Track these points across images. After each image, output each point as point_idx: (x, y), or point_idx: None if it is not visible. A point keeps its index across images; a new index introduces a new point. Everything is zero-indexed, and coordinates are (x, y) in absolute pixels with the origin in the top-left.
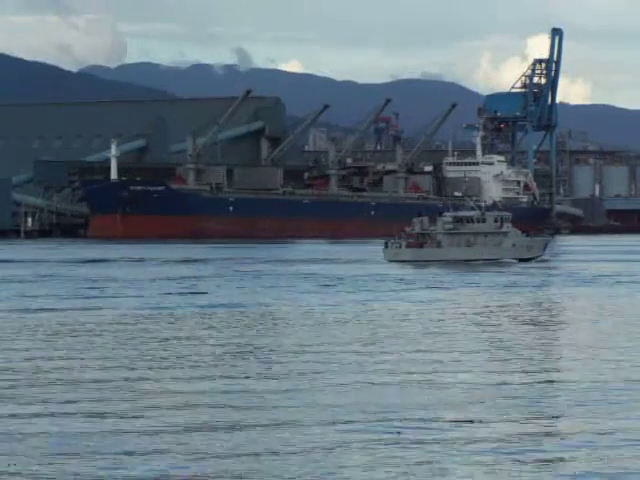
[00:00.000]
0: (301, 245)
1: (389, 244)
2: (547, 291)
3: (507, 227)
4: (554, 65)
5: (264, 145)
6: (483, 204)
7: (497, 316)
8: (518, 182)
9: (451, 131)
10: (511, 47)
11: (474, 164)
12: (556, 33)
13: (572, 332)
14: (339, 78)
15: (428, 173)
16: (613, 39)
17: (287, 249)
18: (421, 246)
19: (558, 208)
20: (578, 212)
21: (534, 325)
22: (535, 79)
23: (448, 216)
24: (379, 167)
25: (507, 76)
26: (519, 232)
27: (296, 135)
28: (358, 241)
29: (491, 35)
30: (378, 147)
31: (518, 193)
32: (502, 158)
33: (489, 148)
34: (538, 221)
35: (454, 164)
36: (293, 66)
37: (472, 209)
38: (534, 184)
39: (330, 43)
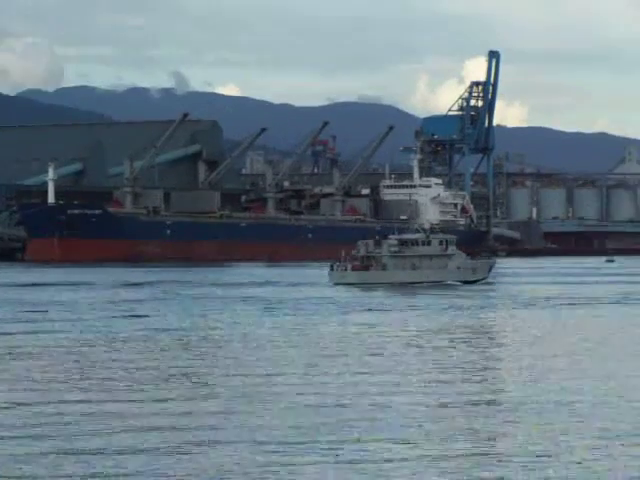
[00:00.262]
0: (239, 268)
1: (335, 267)
2: (487, 313)
3: (452, 250)
4: (491, 88)
5: (201, 168)
6: (428, 227)
7: (436, 338)
8: (455, 205)
9: (388, 154)
10: (448, 70)
11: (411, 187)
12: (493, 56)
13: (510, 354)
14: (276, 101)
15: (365, 196)
16: (550, 62)
17: (226, 272)
18: (367, 269)
19: (495, 231)
20: (515, 235)
21: (472, 347)
22: (472, 102)
23: (393, 239)
24: (316, 190)
25: (444, 99)
26: (464, 255)
27: (233, 158)
28: (296, 264)
29: (428, 58)
30: (315, 170)
31: (455, 216)
32: (439, 181)
33: (426, 171)
34: (475, 244)
35: (391, 187)
36: (230, 89)
37: (417, 232)
38: (471, 207)
39: (267, 66)
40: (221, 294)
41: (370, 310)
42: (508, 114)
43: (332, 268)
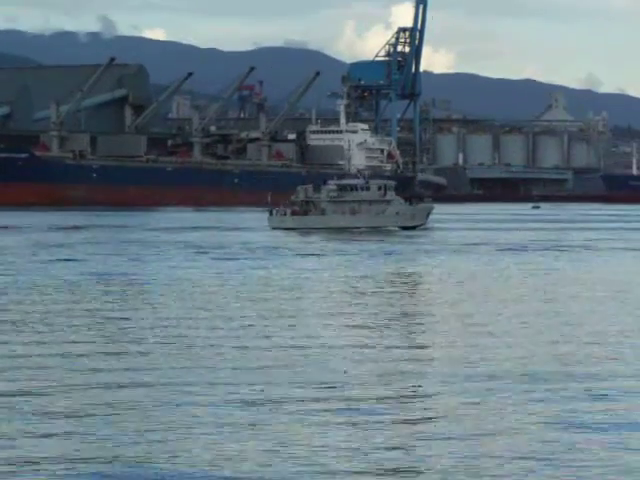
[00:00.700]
0: (168, 213)
1: (274, 212)
2: (416, 260)
3: (391, 195)
4: (418, 34)
5: (128, 113)
6: (367, 172)
7: (364, 285)
8: (382, 150)
9: (315, 99)
10: (375, 15)
11: (338, 132)
12: (420, 2)
13: (438, 300)
14: (203, 46)
15: (292, 141)
16: (476, 9)
17: (156, 217)
18: (305, 214)
19: (421, 176)
20: (441, 181)
21: (400, 294)
22: (399, 47)
23: (332, 184)
24: (243, 135)
25: (371, 44)
26: (402, 200)
27: (160, 103)
28: (223, 209)
29: (355, 3)
30: (242, 115)
31: (382, 161)
32: (366, 126)
33: (353, 116)
34: (402, 189)
35: (318, 132)
36: (157, 34)
37: (356, 177)
38: (398, 152)
39: (194, 11)
40: (159, 239)
41: (302, 255)
42: (435, 60)
43: (271, 213)
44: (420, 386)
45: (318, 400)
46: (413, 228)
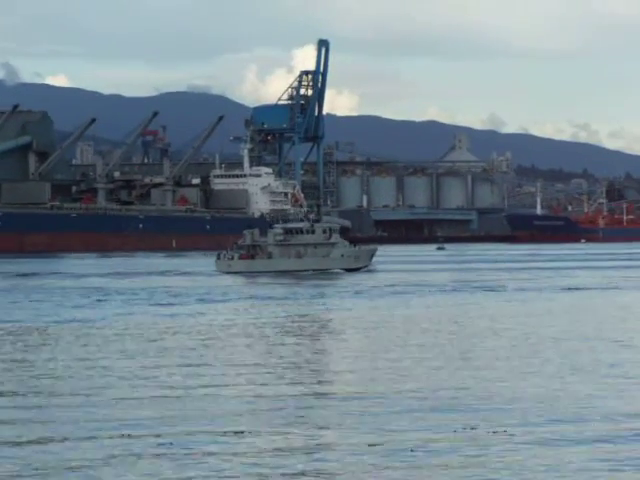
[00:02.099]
0: (81, 259)
1: (221, 256)
2: (323, 303)
3: (335, 238)
4: (320, 77)
5: (32, 159)
6: (312, 216)
7: (273, 329)
8: (286, 194)
9: (219, 144)
10: (277, 59)
11: (241, 176)
12: (322, 44)
13: (345, 343)
14: (106, 91)
15: (196, 186)
16: (378, 51)
17: (67, 263)
18: (253, 257)
19: (326, 219)
20: (346, 223)
21: (313, 337)
22: (302, 91)
23: (278, 227)
24: (147, 180)
25: (274, 88)
26: (347, 243)
27: (63, 149)
28: (127, 254)
29: (256, 47)
30: (146, 160)
31: (286, 205)
32: (269, 170)
33: (257, 160)
34: None
35: (221, 176)
36: (60, 80)
37: (301, 221)
38: (302, 195)
39: (96, 56)
40: (84, 285)
41: (201, 302)
42: (338, 103)
43: (219, 257)
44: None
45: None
46: (358, 270)
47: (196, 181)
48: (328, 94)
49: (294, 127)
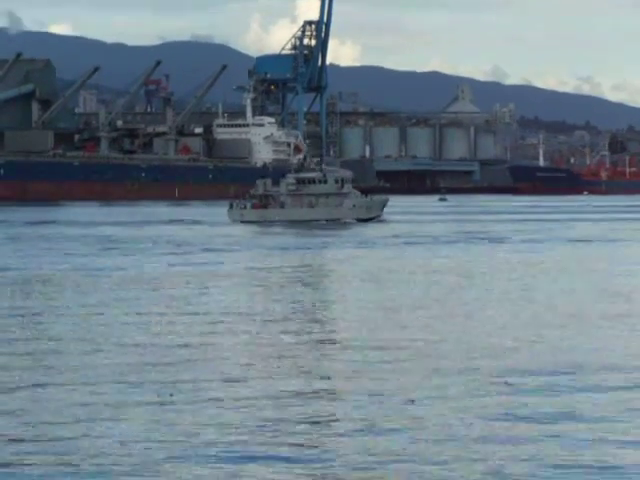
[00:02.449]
0: (87, 208)
1: (234, 205)
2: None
3: (347, 188)
4: (324, 27)
5: (35, 108)
6: (324, 165)
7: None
8: (288, 144)
9: (222, 93)
10: (281, 9)
11: (244, 126)
12: None
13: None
14: (109, 40)
15: (199, 135)
16: (382, 2)
17: (77, 212)
18: (265, 207)
19: (327, 169)
20: (347, 173)
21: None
22: (305, 41)
23: (291, 177)
24: (149, 129)
25: (277, 38)
26: (359, 193)
27: (66, 98)
28: (132, 203)
29: None
30: (149, 109)
31: (289, 155)
32: (272, 120)
33: (260, 110)
34: None
35: (224, 126)
36: (63, 29)
37: (313, 170)
38: (304, 146)
39: (100, 5)
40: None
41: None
42: (341, 53)
43: (231, 206)
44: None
45: None
46: (369, 220)
47: (199, 130)
48: (331, 44)
49: (297, 77)
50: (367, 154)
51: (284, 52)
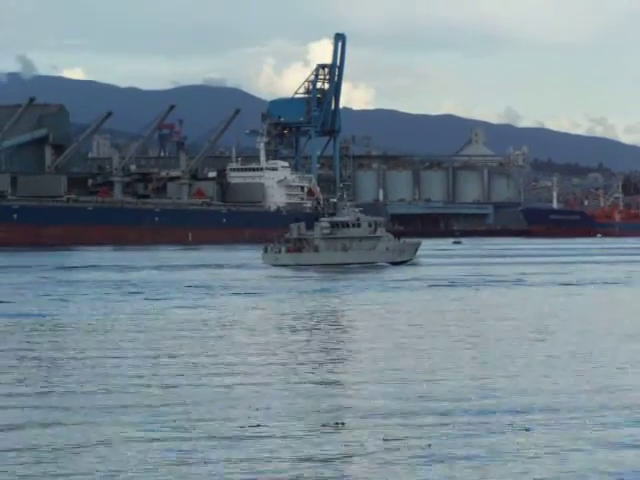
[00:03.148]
0: (103, 253)
1: (268, 249)
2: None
3: (381, 231)
4: (337, 70)
5: (48, 152)
6: (357, 209)
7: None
8: (302, 187)
9: (235, 137)
10: (293, 53)
11: (258, 170)
12: (339, 38)
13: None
14: (122, 85)
15: (212, 179)
16: (395, 45)
17: (101, 257)
18: (299, 251)
19: (341, 213)
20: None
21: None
22: (318, 84)
23: (325, 221)
24: (163, 174)
25: (290, 82)
26: (392, 236)
27: (80, 142)
28: (144, 248)
29: (272, 40)
30: (162, 154)
31: (302, 198)
32: (286, 164)
33: (273, 154)
34: None
35: (238, 170)
36: (76, 73)
37: (347, 214)
38: (318, 189)
39: (112, 50)
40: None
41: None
42: (354, 97)
43: (266, 250)
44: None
45: None
46: (402, 263)
47: (212, 174)
48: (344, 88)
49: (311, 121)
50: (380, 197)
51: (297, 96)
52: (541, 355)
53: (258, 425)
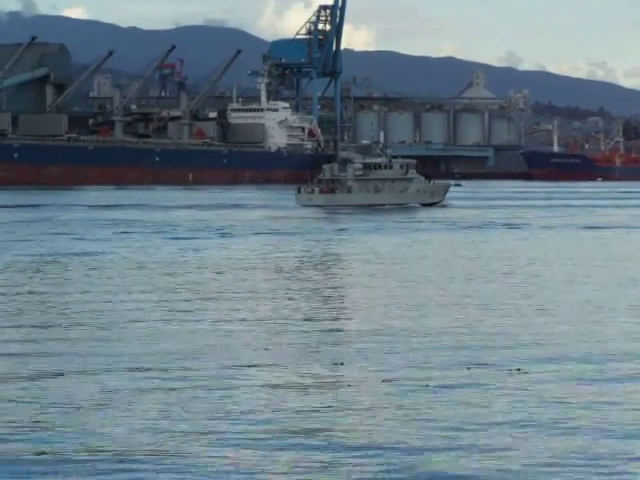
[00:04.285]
0: (108, 192)
1: (302, 190)
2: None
3: (412, 173)
4: (339, 11)
5: (49, 92)
6: (389, 151)
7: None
8: (302, 128)
9: (236, 78)
10: None
11: (259, 110)
12: None
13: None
14: (123, 24)
15: (213, 119)
16: None
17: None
18: (332, 192)
19: (342, 154)
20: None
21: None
22: (320, 25)
23: (358, 162)
24: (164, 113)
25: (292, 23)
26: (423, 178)
27: (81, 82)
28: (144, 188)
29: None
30: (163, 94)
31: (303, 139)
32: (287, 104)
33: (274, 95)
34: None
35: (239, 110)
36: (77, 12)
37: (379, 156)
38: (319, 130)
39: None
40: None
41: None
42: (355, 38)
43: (299, 191)
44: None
45: None
46: (433, 204)
47: (213, 115)
48: (346, 29)
49: (312, 62)
50: (381, 139)
51: (298, 37)
52: None
53: None
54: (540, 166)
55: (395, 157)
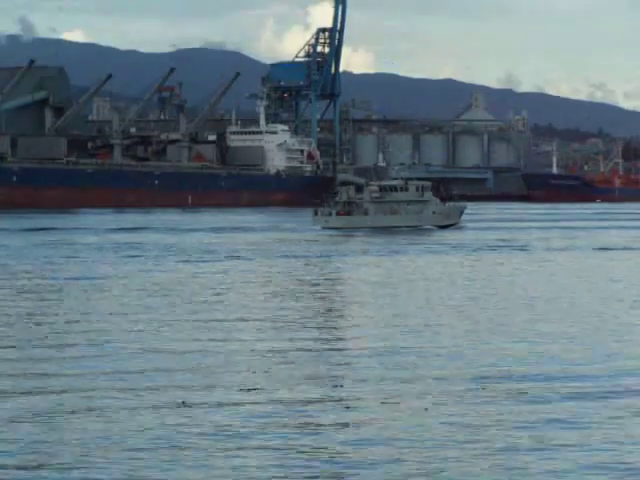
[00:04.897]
0: (105, 215)
1: (319, 212)
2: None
3: (428, 196)
4: (337, 34)
5: (48, 115)
6: (405, 174)
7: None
8: (302, 151)
9: (235, 100)
10: (294, 16)
11: (258, 133)
12: (339, 1)
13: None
14: (122, 47)
15: (212, 142)
16: (396, 8)
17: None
18: (349, 214)
19: (341, 177)
20: (361, 181)
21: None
22: (319, 48)
23: (374, 185)
24: (163, 136)
25: (290, 45)
26: (438, 200)
27: (80, 105)
28: (143, 210)
29: (273, 4)
30: (162, 117)
31: (302, 162)
32: (286, 127)
33: (273, 117)
34: (321, 190)
35: (238, 133)
36: (76, 35)
37: (394, 179)
38: (317, 153)
39: (112, 12)
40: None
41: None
42: (354, 60)
43: (316, 213)
44: None
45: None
46: (449, 226)
47: (212, 138)
48: (345, 51)
49: (311, 84)
50: (380, 161)
51: (297, 59)
52: None
53: None
54: (539, 188)
55: (395, 179)
